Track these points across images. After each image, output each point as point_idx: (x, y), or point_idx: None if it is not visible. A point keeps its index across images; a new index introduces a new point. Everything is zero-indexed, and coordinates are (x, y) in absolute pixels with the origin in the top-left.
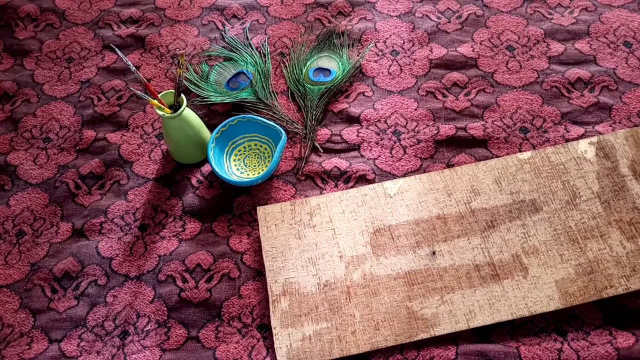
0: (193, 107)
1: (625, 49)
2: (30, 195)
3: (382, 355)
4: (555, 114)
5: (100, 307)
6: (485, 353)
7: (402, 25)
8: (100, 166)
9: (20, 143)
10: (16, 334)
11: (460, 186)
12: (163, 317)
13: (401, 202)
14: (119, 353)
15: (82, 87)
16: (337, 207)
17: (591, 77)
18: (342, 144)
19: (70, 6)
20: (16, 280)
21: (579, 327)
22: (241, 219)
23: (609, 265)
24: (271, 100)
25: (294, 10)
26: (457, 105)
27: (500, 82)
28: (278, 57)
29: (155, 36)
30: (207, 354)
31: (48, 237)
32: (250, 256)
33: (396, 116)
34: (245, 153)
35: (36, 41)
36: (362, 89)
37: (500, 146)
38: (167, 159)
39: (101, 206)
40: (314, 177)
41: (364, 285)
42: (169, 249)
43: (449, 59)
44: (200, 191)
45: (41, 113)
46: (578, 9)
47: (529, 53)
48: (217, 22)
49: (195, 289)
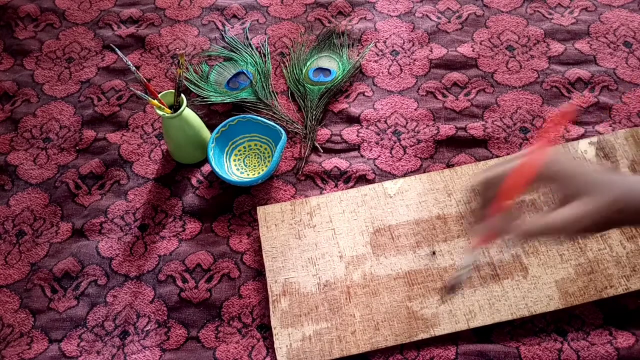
0: (193, 107)
1: (625, 49)
2: (30, 195)
3: (382, 355)
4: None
5: (100, 307)
6: (485, 353)
7: (402, 25)
8: (100, 166)
9: (20, 143)
10: (16, 334)
11: (460, 186)
12: (163, 317)
13: (401, 202)
14: (119, 353)
15: (82, 87)
16: (337, 207)
17: (591, 77)
18: (342, 144)
19: (70, 6)
20: (16, 280)
21: (579, 327)
22: (241, 219)
23: (609, 265)
24: (271, 100)
25: (294, 10)
26: (457, 105)
27: (500, 82)
28: (278, 57)
29: (155, 36)
30: (207, 354)
31: (48, 237)
32: (250, 256)
33: (396, 116)
34: (245, 153)
35: (36, 41)
36: (362, 89)
37: (500, 146)
38: (167, 159)
39: (101, 206)
40: (314, 177)
41: (364, 285)
42: (169, 249)
43: (449, 59)
44: (200, 191)
45: (41, 113)
46: (578, 9)
47: (529, 53)
48: (217, 22)
49: (195, 289)
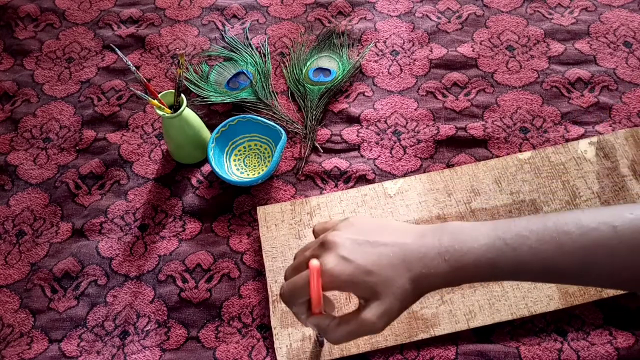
0: (193, 107)
1: (625, 49)
2: (30, 195)
3: (382, 355)
4: (555, 114)
5: (100, 307)
6: (485, 353)
7: (402, 25)
8: (100, 166)
9: (20, 143)
10: (16, 334)
11: (460, 186)
12: (163, 317)
13: (401, 202)
14: (119, 353)
15: (82, 87)
16: (337, 207)
17: (591, 77)
18: (342, 144)
19: (70, 6)
20: (16, 280)
21: (579, 327)
22: (241, 219)
23: None
24: (271, 100)
25: (294, 10)
26: (457, 105)
27: (500, 82)
28: (278, 57)
29: (155, 36)
30: (207, 354)
31: (48, 237)
32: (250, 256)
33: (396, 116)
34: (245, 153)
35: (36, 41)
36: (362, 89)
37: (500, 146)
38: (167, 159)
39: (101, 206)
40: (314, 177)
41: None
42: (169, 249)
43: (449, 59)
44: (200, 191)
45: (41, 113)
46: (578, 9)
47: (529, 53)
48: (217, 22)
49: (195, 289)
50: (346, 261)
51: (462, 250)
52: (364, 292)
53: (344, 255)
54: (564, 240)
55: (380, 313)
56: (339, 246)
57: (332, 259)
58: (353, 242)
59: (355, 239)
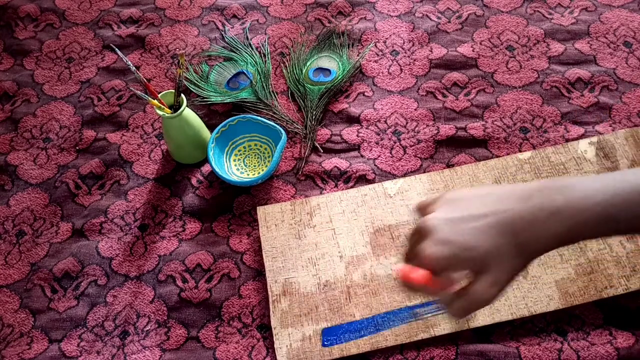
0: (193, 107)
1: (625, 49)
2: (30, 195)
3: (382, 355)
4: (555, 114)
5: (100, 307)
6: (485, 353)
7: (402, 25)
8: (100, 166)
9: (20, 143)
10: (16, 334)
11: (460, 186)
12: (163, 317)
13: (401, 202)
14: (119, 353)
15: (82, 87)
16: (337, 207)
17: (591, 77)
18: (342, 144)
19: (70, 6)
20: (16, 280)
21: (579, 327)
22: (241, 219)
23: (609, 265)
24: (271, 100)
25: (294, 10)
26: (457, 105)
27: (500, 82)
28: (278, 57)
29: (155, 36)
30: (207, 354)
31: (48, 237)
32: (250, 256)
33: (396, 116)
34: (245, 153)
35: (36, 41)
36: (362, 89)
37: (500, 146)
38: (167, 159)
39: (101, 206)
40: (314, 177)
41: (364, 285)
42: (169, 249)
43: (449, 59)
44: (200, 191)
45: (41, 113)
46: (578, 9)
47: (529, 53)
48: (217, 22)
49: (195, 289)
50: (444, 244)
51: (580, 208)
52: (471, 266)
53: (441, 237)
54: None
55: (489, 284)
56: (435, 230)
57: (430, 245)
58: (449, 222)
59: (451, 218)
